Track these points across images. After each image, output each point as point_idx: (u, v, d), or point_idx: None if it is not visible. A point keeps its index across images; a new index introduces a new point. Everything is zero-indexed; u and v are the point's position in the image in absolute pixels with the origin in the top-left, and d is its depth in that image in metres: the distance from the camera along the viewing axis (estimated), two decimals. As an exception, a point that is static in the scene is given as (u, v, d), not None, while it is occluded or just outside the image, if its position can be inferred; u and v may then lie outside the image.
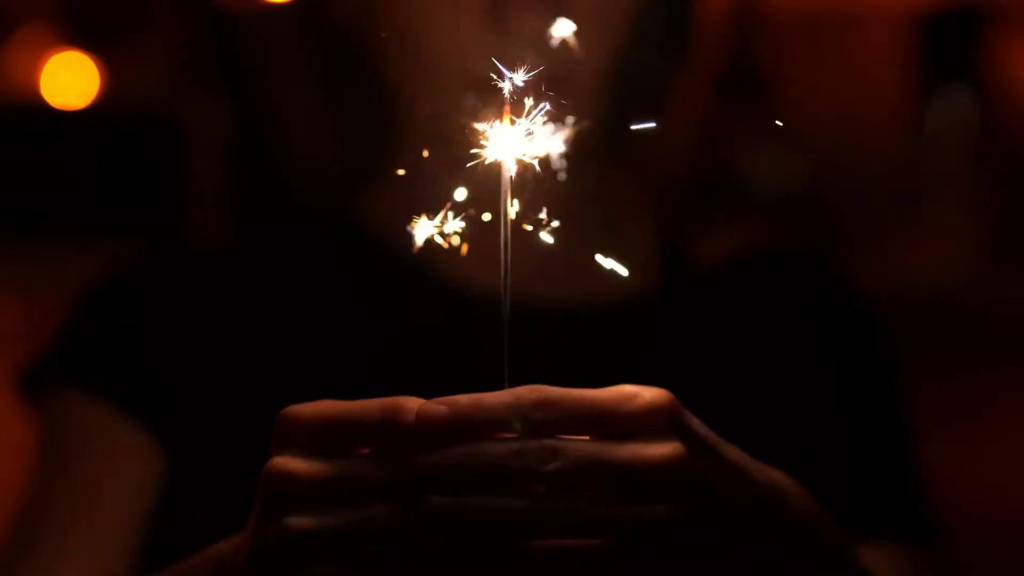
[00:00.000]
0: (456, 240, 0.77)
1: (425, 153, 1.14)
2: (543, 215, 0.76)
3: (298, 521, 0.70)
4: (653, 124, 1.21)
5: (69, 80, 1.89)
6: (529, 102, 0.77)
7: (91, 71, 1.90)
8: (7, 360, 1.24)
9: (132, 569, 1.08)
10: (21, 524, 1.11)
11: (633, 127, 1.16)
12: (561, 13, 1.07)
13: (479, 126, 0.76)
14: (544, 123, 0.77)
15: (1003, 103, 1.93)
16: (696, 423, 0.73)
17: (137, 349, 1.14)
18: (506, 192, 0.76)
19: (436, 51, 1.08)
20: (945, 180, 1.95)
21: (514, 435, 0.70)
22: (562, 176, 0.81)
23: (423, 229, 0.77)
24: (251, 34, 1.26)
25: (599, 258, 0.80)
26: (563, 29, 0.78)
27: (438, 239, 0.77)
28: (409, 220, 1.16)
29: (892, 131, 1.97)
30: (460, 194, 0.77)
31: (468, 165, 0.76)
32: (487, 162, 0.76)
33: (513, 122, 0.76)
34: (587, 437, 0.70)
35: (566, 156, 1.05)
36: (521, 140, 0.76)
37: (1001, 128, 1.94)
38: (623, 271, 0.80)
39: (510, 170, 0.76)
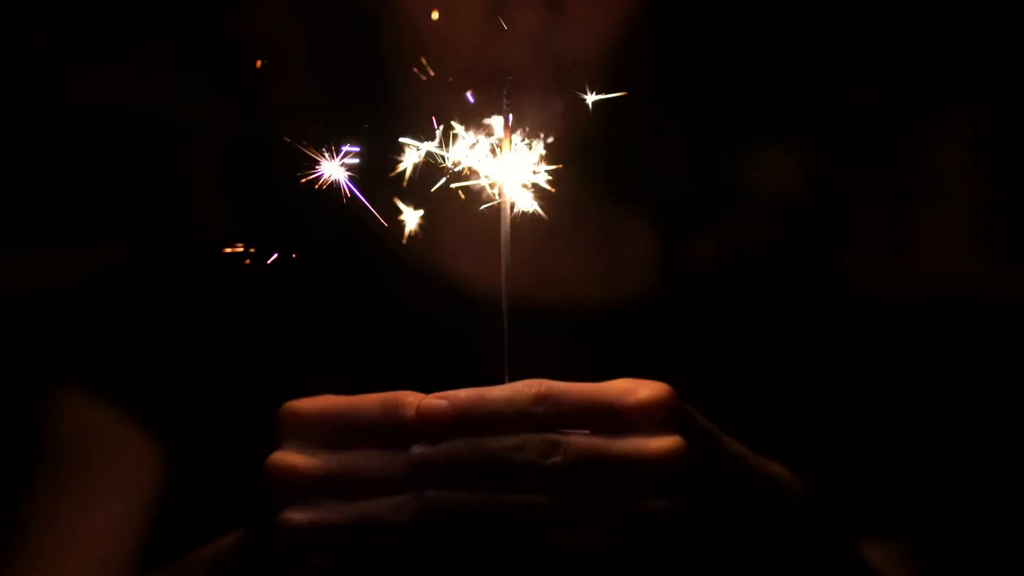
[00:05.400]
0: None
1: (422, 155, 1.14)
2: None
3: (298, 515, 0.70)
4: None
5: (69, 79, 1.89)
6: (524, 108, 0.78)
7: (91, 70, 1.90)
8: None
9: (134, 566, 1.08)
10: (22, 523, 1.11)
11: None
12: (560, 11, 1.08)
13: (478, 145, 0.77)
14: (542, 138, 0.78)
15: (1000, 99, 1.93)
16: (697, 417, 0.72)
17: (138, 348, 1.14)
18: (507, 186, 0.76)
19: (437, 46, 1.08)
20: (945, 179, 1.95)
21: (514, 429, 0.70)
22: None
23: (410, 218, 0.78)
24: (252, 31, 1.26)
25: None
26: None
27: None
28: (410, 217, 1.16)
29: (891, 130, 1.98)
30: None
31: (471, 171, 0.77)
32: (488, 182, 0.76)
33: (511, 145, 0.76)
34: (587, 431, 0.71)
35: (565, 158, 1.06)
36: (521, 165, 0.76)
37: (1001, 127, 1.94)
38: None
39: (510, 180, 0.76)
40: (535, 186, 0.77)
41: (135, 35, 1.86)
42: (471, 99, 1.06)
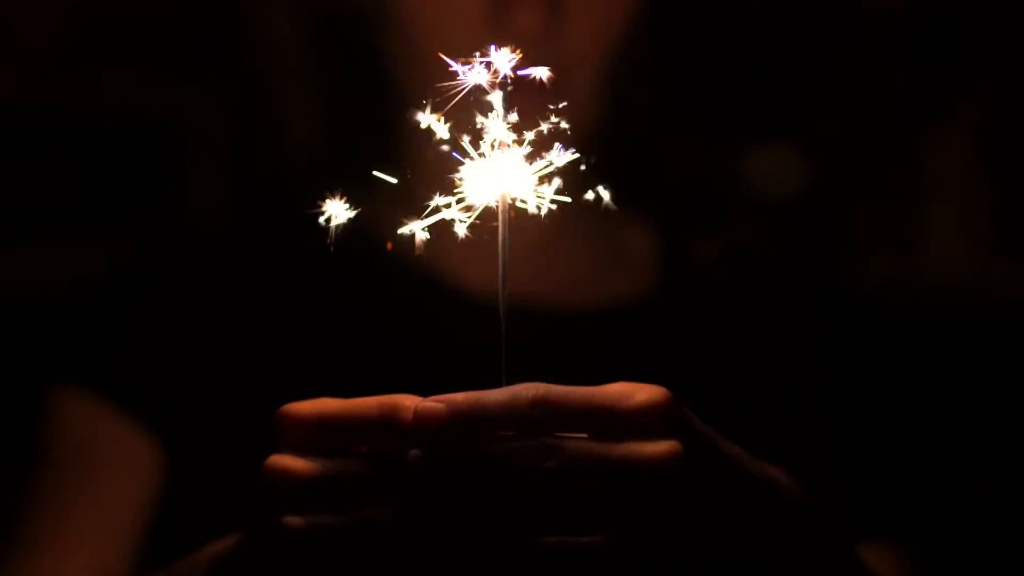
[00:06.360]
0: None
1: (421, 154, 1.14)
2: None
3: (294, 520, 0.70)
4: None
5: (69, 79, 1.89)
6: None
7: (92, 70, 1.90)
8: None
9: (132, 567, 1.08)
10: (22, 523, 1.11)
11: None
12: (560, 11, 1.07)
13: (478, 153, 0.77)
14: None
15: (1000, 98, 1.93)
16: (695, 420, 0.72)
17: (137, 348, 1.14)
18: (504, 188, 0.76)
19: (435, 47, 1.08)
20: (948, 178, 1.95)
21: (512, 433, 0.70)
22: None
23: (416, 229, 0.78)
24: (250, 28, 1.26)
25: None
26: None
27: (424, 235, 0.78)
28: (408, 217, 1.16)
29: (893, 130, 1.98)
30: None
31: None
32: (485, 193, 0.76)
33: (509, 147, 0.76)
34: (585, 434, 0.70)
35: (564, 158, 1.06)
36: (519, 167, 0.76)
37: (1003, 125, 1.94)
38: None
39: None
40: (533, 188, 0.77)
41: (136, 35, 1.86)
42: (471, 100, 1.06)
